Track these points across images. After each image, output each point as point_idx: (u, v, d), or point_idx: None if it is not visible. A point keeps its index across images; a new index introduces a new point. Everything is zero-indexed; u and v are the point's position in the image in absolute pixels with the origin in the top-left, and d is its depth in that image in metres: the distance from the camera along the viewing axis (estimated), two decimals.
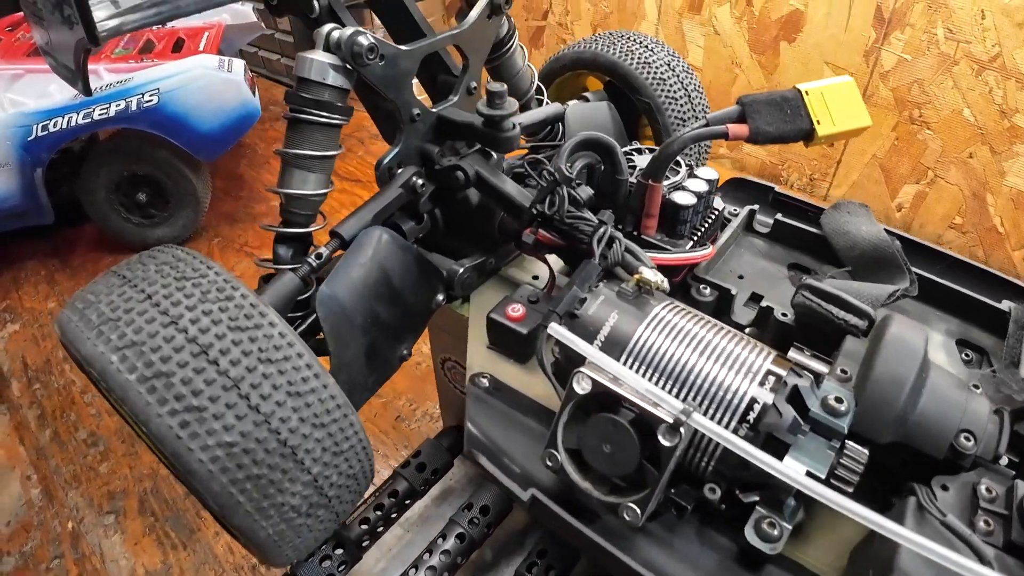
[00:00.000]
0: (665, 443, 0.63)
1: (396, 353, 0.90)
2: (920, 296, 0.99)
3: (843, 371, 0.73)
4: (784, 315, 0.90)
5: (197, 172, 2.33)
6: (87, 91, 0.90)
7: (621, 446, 0.65)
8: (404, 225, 0.97)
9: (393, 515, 1.15)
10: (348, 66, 0.84)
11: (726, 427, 0.67)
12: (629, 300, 0.77)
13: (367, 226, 0.88)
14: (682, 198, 0.94)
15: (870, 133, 2.39)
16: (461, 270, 0.97)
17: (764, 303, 0.93)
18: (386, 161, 0.94)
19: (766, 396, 0.67)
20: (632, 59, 1.29)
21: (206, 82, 2.14)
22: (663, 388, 0.69)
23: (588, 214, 0.87)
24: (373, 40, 0.82)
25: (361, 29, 0.81)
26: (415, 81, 0.94)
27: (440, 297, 0.97)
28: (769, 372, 0.70)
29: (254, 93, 2.26)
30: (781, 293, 1.06)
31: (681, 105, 1.31)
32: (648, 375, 0.71)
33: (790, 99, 0.90)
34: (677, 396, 0.69)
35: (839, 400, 0.66)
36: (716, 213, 1.03)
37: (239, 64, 2.23)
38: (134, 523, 1.53)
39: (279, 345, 0.65)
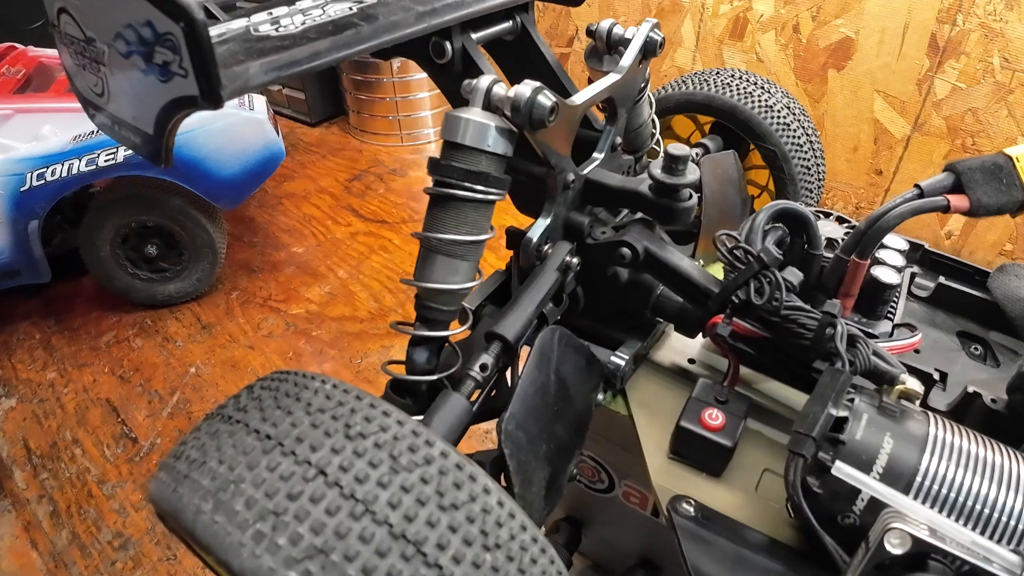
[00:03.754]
0: None
1: (567, 475, 0.74)
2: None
3: None
4: (994, 401, 0.77)
5: (214, 221, 2.14)
6: (168, 161, 0.71)
7: None
8: (544, 310, 0.81)
9: None
10: (514, 129, 0.68)
11: None
12: (896, 418, 0.62)
13: (531, 324, 0.73)
14: (886, 275, 0.81)
15: (921, 162, 2.31)
16: (623, 363, 0.82)
17: (971, 389, 0.80)
18: (536, 238, 0.78)
19: None
20: (753, 102, 1.16)
21: (227, 122, 1.96)
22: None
23: (800, 302, 0.72)
24: (555, 99, 0.66)
25: (540, 84, 0.66)
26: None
27: (600, 397, 0.82)
28: None
29: (278, 132, 2.09)
30: (962, 369, 0.93)
31: (805, 152, 1.18)
32: (942, 514, 0.57)
33: (1003, 166, 0.78)
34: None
35: None
36: None
37: (261, 101, 2.05)
38: None
39: (502, 521, 0.49)
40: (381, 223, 2.54)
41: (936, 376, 0.85)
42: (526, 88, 0.65)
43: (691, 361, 0.92)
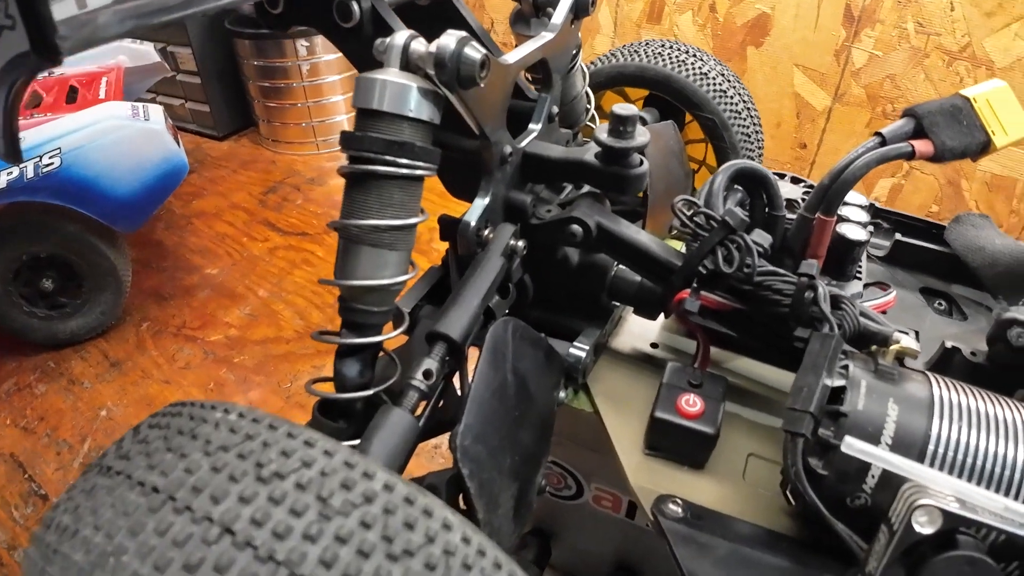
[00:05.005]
0: None
1: (536, 488, 0.65)
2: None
3: None
4: (974, 354, 0.74)
5: (115, 246, 1.94)
6: (14, 156, 0.53)
7: None
8: (491, 304, 0.72)
9: None
10: (439, 90, 0.59)
11: None
12: (896, 382, 0.56)
13: (477, 319, 0.63)
14: (853, 232, 0.75)
15: (844, 132, 2.34)
16: (583, 354, 0.73)
17: (949, 344, 0.76)
18: (475, 221, 0.69)
19: None
20: (687, 70, 1.10)
21: (119, 135, 1.77)
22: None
23: (773, 267, 0.65)
24: (484, 52, 0.57)
25: (466, 35, 0.56)
26: None
27: (562, 394, 0.73)
28: None
29: (178, 144, 1.91)
30: (932, 325, 0.90)
31: (744, 119, 1.13)
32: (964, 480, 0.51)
33: (962, 108, 0.74)
34: None
35: None
36: None
37: (157, 110, 1.87)
38: None
39: (470, 561, 0.39)
40: (301, 236, 2.38)
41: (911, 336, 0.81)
42: (450, 39, 0.55)
43: (654, 345, 0.84)
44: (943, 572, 0.46)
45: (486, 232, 0.71)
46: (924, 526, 0.46)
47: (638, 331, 0.86)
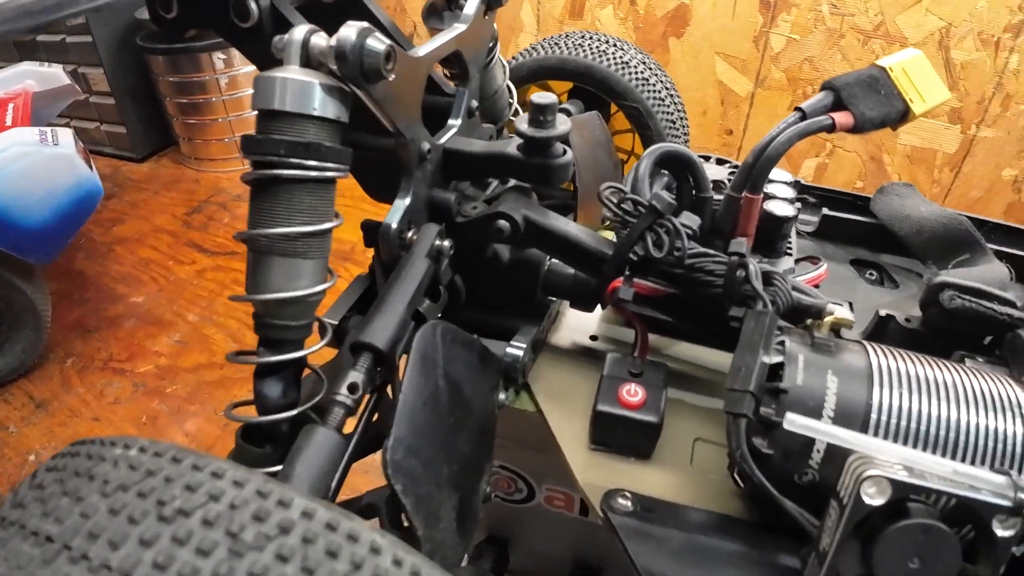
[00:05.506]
0: (1004, 533, 0.45)
1: (480, 496, 0.62)
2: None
3: None
4: (908, 320, 0.75)
5: (30, 280, 1.82)
6: None
7: (936, 555, 0.45)
8: (420, 308, 0.69)
9: None
10: (344, 87, 0.55)
11: None
12: (833, 353, 0.55)
13: (405, 325, 0.60)
14: (780, 209, 0.75)
15: (767, 116, 2.39)
16: (521, 353, 0.71)
17: (883, 312, 0.77)
18: (396, 223, 0.65)
19: None
20: (608, 60, 1.09)
21: (27, 163, 1.67)
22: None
23: (703, 248, 0.64)
24: (389, 43, 0.54)
25: (368, 26, 0.53)
26: None
27: (502, 396, 0.70)
28: None
29: (91, 168, 1.81)
30: (865, 296, 0.91)
31: (668, 106, 1.13)
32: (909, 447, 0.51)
33: (879, 78, 0.75)
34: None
35: None
36: None
37: (67, 134, 1.77)
38: None
39: None
40: (230, 255, 2.29)
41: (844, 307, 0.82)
42: (350, 31, 0.52)
43: (593, 338, 0.83)
44: (897, 542, 0.45)
45: (409, 234, 0.68)
46: (873, 497, 0.45)
47: (577, 324, 0.84)
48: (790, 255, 0.78)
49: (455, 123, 0.75)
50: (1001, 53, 2.01)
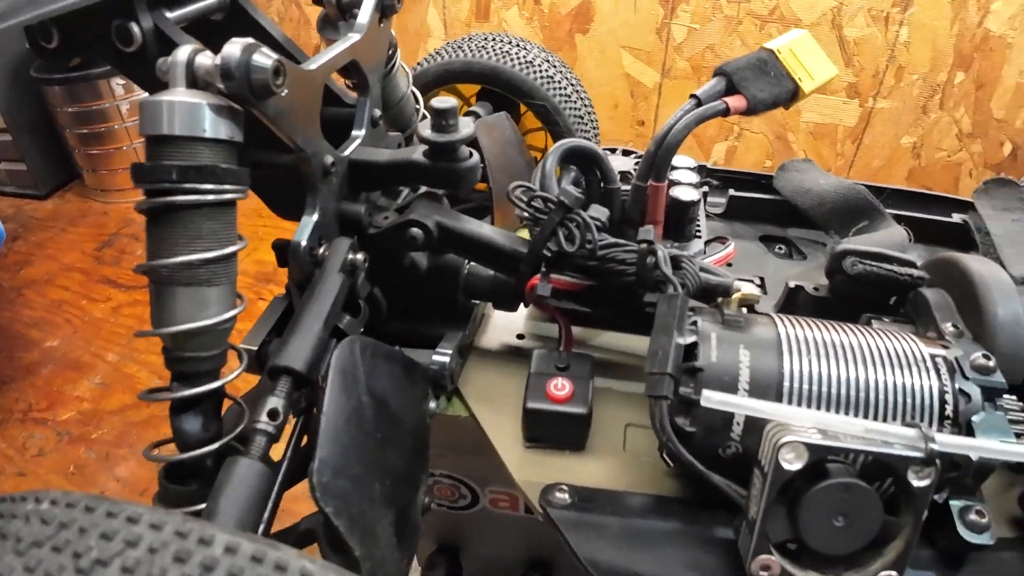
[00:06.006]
0: (920, 483, 0.48)
1: (418, 508, 0.61)
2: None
3: (954, 327, 0.63)
4: (816, 289, 0.78)
5: None
6: None
7: (859, 511, 0.48)
8: (341, 324, 0.68)
9: None
10: (234, 105, 0.54)
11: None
12: (744, 328, 0.57)
13: (324, 345, 0.59)
14: (685, 194, 0.78)
15: (676, 104, 2.43)
16: (447, 359, 0.71)
17: (792, 284, 0.80)
18: (305, 240, 0.64)
19: (949, 384, 0.55)
20: (512, 61, 1.10)
21: None
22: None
23: (613, 239, 0.66)
24: (276, 57, 0.53)
25: (253, 41, 0.52)
26: None
27: (433, 404, 0.70)
28: (933, 356, 0.57)
29: None
30: (775, 270, 0.95)
31: (575, 102, 1.15)
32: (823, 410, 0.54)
33: (767, 60, 0.79)
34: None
35: (987, 357, 0.56)
36: None
37: None
38: None
39: None
40: (147, 288, 2.20)
41: (756, 283, 0.85)
42: (234, 48, 0.51)
43: (520, 337, 0.83)
44: (820, 502, 0.47)
45: (321, 250, 0.67)
46: (792, 462, 0.47)
47: (503, 325, 0.84)
48: (699, 238, 0.81)
49: (359, 134, 0.74)
50: (891, 27, 2.13)
